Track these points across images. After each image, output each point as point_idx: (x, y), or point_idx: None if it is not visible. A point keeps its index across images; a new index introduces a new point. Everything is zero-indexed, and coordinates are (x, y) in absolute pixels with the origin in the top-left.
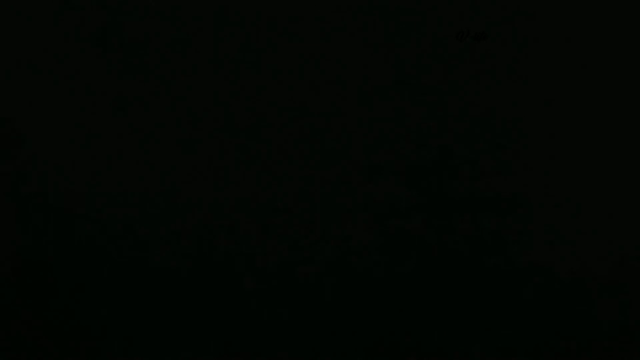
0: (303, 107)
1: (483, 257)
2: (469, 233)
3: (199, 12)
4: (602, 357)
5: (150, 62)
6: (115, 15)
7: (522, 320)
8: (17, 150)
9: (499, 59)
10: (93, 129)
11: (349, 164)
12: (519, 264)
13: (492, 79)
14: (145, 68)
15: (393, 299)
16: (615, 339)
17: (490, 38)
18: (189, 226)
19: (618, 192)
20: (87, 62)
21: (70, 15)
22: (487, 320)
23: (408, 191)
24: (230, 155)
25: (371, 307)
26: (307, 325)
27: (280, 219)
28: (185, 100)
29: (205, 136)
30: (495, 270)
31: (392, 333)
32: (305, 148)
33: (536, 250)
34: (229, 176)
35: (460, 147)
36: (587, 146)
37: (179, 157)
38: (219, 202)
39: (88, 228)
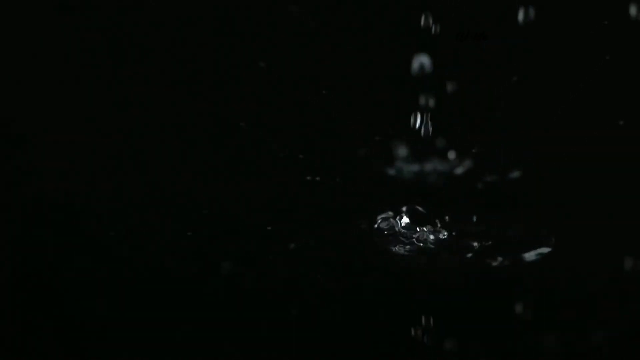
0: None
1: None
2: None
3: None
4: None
5: (150, 62)
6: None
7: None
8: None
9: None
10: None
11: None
12: (520, 264)
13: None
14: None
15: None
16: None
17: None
18: (189, 226)
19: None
20: (87, 62)
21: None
22: (487, 321)
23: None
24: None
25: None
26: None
27: (280, 218)
28: (186, 100)
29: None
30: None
31: (393, 333)
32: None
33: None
34: (228, 176)
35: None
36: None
37: (179, 157)
38: (218, 202)
39: (88, 228)
